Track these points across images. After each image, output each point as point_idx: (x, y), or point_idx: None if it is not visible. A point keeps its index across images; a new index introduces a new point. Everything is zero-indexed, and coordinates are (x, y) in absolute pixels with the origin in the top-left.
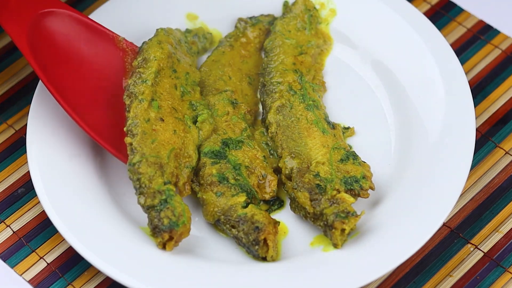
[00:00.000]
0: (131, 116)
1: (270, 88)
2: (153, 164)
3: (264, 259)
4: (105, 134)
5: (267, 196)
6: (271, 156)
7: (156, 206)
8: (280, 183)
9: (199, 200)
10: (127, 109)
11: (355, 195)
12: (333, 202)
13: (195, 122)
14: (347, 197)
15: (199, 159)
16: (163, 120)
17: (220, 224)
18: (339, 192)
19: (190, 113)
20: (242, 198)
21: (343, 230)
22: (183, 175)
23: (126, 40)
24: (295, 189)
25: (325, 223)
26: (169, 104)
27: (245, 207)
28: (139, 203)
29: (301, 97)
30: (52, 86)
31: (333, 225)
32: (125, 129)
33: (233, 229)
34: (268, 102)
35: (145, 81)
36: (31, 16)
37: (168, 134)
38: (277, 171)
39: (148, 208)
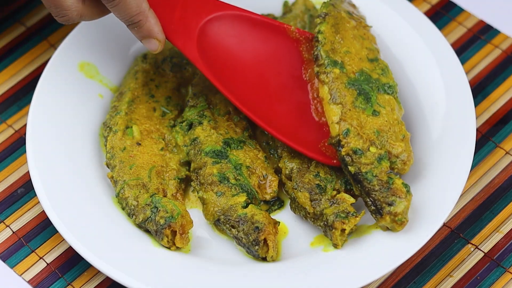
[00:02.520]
0: (108, 148)
1: None
2: (135, 186)
3: (264, 259)
4: (287, 131)
5: (267, 197)
6: (271, 156)
7: (150, 216)
8: (280, 184)
9: (200, 199)
10: (105, 143)
11: (356, 196)
12: (333, 202)
13: (190, 125)
14: (347, 197)
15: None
16: (140, 144)
17: (220, 224)
18: (339, 192)
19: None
20: (242, 198)
21: (343, 230)
22: (170, 187)
23: (298, 29)
24: (295, 189)
25: (325, 223)
26: (146, 127)
27: (245, 207)
28: (136, 225)
29: None
30: (232, 95)
31: (333, 225)
32: (104, 163)
33: (233, 229)
34: None
35: (119, 112)
36: (197, 26)
37: (146, 156)
38: (277, 171)
39: (144, 223)
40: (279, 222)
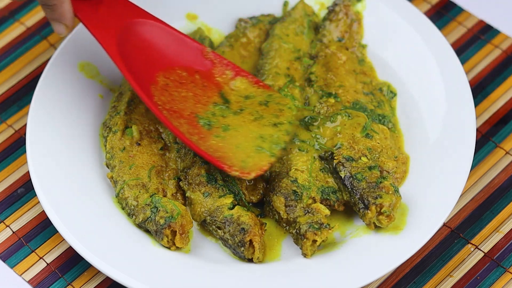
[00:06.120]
0: (108, 149)
1: None
2: (135, 186)
3: (250, 260)
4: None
5: (254, 199)
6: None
7: (150, 216)
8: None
9: (187, 199)
10: (105, 143)
11: (330, 206)
12: (308, 211)
13: None
14: (323, 208)
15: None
16: (139, 144)
17: (206, 225)
18: (315, 201)
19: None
20: (229, 200)
21: (314, 241)
22: (169, 187)
23: (213, 52)
24: (271, 192)
25: (297, 231)
26: (145, 127)
27: (232, 208)
28: (136, 225)
29: None
30: (143, 94)
31: (305, 235)
32: (104, 163)
33: (219, 230)
34: None
35: (119, 112)
36: (119, 24)
37: (146, 156)
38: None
39: (144, 223)
40: (265, 223)
